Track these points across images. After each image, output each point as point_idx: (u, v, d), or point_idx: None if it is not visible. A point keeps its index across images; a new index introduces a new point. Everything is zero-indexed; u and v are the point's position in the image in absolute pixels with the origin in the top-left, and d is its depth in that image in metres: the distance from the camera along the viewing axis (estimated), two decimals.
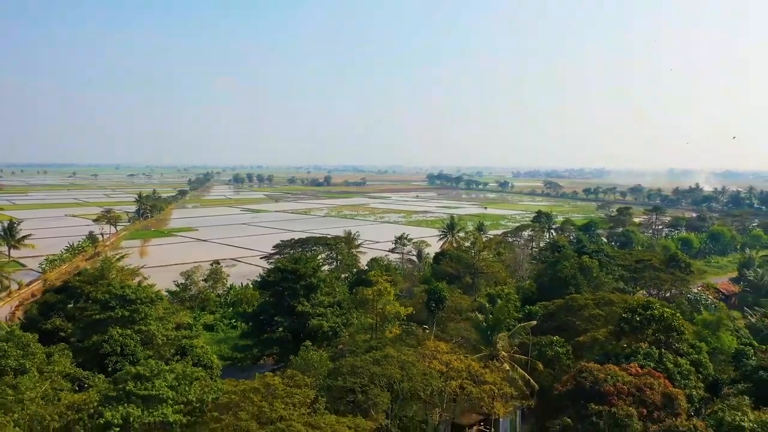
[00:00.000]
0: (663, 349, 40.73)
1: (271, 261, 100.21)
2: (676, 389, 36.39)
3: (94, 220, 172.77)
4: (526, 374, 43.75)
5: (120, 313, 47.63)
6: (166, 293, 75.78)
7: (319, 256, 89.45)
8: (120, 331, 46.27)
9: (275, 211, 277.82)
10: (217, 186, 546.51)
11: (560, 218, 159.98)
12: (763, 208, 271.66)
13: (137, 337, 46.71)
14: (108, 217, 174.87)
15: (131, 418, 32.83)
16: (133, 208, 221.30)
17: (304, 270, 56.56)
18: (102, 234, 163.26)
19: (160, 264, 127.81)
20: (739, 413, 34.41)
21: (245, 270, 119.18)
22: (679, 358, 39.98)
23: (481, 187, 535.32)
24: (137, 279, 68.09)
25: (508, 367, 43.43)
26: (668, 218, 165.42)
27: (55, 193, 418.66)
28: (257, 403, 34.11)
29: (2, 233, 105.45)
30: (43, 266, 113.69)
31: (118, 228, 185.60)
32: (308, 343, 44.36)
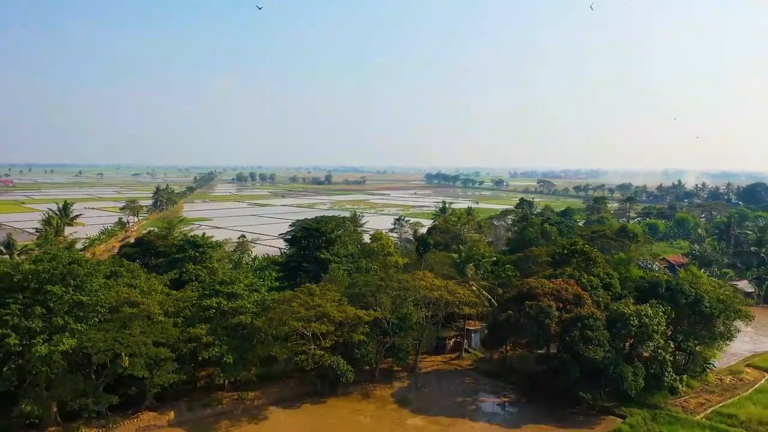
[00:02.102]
0: (582, 272, 57.94)
1: (287, 239, 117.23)
2: (585, 293, 53.55)
3: (121, 209, 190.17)
4: (487, 293, 60.89)
5: (192, 254, 64.79)
6: None
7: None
8: (193, 266, 63.31)
9: (281, 205, 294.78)
10: (221, 185, 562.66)
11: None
12: (741, 203, 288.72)
13: (205, 271, 63.68)
14: (132, 207, 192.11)
15: (221, 305, 49.98)
16: (145, 203, 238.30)
17: (325, 228, 73.57)
18: (128, 221, 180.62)
19: None
20: (623, 305, 51.64)
21: (262, 250, 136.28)
22: (592, 277, 57.18)
23: (477, 185, 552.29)
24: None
25: (475, 288, 60.56)
26: (640, 208, 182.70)
27: (67, 190, 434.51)
28: (303, 298, 51.36)
29: (57, 212, 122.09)
30: (86, 244, 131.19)
31: (139, 218, 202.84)
32: (334, 266, 61.54)
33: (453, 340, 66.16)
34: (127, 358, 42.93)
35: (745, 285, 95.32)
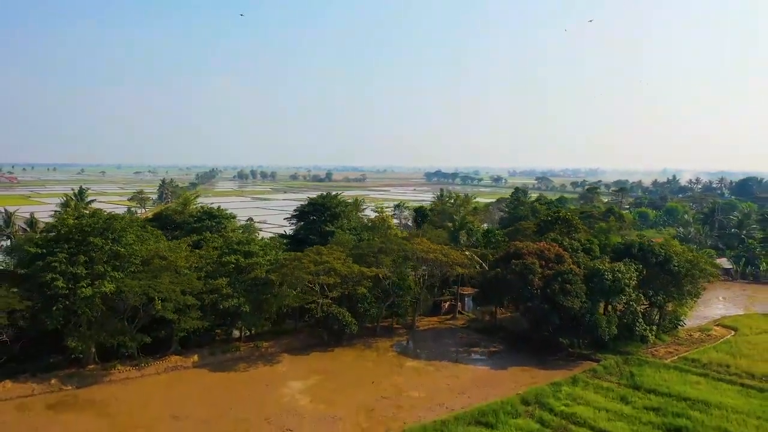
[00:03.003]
0: (564, 237, 63.83)
1: (292, 222, 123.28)
2: (566, 252, 59.43)
3: (129, 199, 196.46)
4: (477, 258, 66.80)
5: (208, 224, 70.66)
6: None
7: None
8: (210, 234, 69.11)
9: (283, 199, 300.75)
10: (222, 182, 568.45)
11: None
12: (733, 197, 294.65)
13: (221, 240, 69.47)
14: (140, 198, 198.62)
15: (239, 261, 55.85)
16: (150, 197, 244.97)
17: (330, 203, 79.58)
18: (135, 212, 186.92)
19: None
20: (599, 263, 57.52)
21: (267, 236, 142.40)
22: (573, 241, 63.09)
23: (476, 182, 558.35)
24: None
25: (467, 253, 66.44)
26: (632, 198, 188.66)
27: (71, 186, 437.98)
28: (312, 256, 57.25)
29: (74, 197, 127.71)
30: None
31: (146, 209, 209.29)
32: (339, 231, 67.42)
33: (448, 303, 72.07)
34: (159, 302, 48.78)
35: (724, 262, 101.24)
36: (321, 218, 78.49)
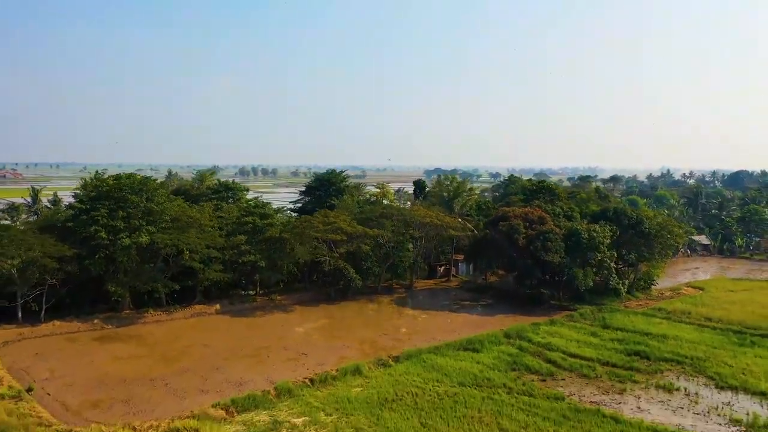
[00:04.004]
0: (548, 204, 70.71)
1: (298, 206, 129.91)
2: (547, 215, 66.27)
3: None
4: (470, 225, 73.68)
5: (225, 195, 77.44)
6: None
7: None
8: (226, 204, 75.91)
9: (285, 193, 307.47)
10: (224, 179, 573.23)
11: None
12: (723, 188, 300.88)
13: (236, 209, 76.26)
14: None
15: (256, 222, 62.69)
16: None
17: (335, 179, 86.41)
18: None
19: None
20: (578, 224, 64.32)
21: None
22: (555, 208, 69.95)
23: (474, 178, 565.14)
24: None
25: (460, 219, 73.32)
26: (623, 187, 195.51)
27: (77, 183, 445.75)
28: (321, 218, 64.11)
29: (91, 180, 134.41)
30: None
31: None
32: (345, 196, 74.31)
33: (443, 267, 78.92)
34: (187, 253, 55.62)
35: (703, 239, 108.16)
36: (327, 193, 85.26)
